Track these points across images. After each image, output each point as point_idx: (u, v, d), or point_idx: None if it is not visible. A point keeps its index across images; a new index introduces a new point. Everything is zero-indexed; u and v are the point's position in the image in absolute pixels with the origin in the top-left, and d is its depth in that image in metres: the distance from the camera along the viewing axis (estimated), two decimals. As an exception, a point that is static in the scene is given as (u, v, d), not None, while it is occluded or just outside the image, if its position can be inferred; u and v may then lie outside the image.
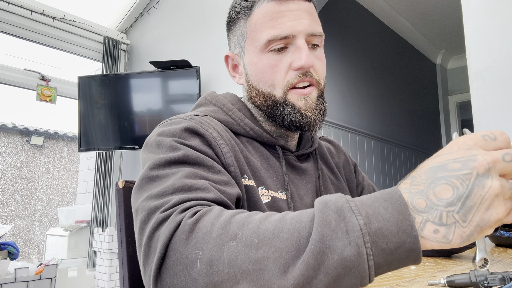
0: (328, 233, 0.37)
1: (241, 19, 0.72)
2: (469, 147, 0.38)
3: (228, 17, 0.77)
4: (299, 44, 0.67)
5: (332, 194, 0.41)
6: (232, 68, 0.79)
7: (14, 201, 5.26)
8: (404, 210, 0.37)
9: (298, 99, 0.69)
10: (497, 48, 1.39)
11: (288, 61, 0.68)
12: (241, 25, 0.73)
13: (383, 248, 0.36)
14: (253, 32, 0.70)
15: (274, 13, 0.67)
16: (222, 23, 2.58)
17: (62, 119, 6.25)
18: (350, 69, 3.24)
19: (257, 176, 0.69)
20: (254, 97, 0.74)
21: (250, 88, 0.74)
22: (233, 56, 0.77)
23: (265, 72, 0.69)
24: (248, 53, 0.72)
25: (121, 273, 0.73)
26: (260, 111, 0.75)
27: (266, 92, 0.71)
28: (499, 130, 0.40)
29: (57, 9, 2.79)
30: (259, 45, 0.69)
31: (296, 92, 0.69)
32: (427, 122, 4.44)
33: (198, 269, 0.41)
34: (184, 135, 0.62)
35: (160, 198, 0.51)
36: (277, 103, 0.70)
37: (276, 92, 0.69)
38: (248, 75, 0.73)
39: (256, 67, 0.71)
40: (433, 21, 3.94)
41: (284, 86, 0.69)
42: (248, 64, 0.73)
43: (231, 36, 0.77)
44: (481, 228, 0.36)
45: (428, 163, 0.40)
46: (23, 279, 1.97)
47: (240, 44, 0.74)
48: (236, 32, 0.75)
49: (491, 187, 0.36)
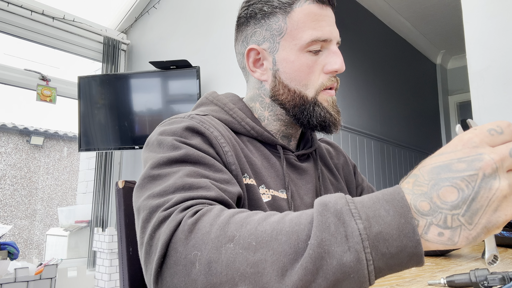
0: (327, 237, 0.36)
1: (279, 14, 0.71)
2: (475, 144, 0.36)
3: (255, 7, 0.73)
4: (334, 49, 0.71)
5: (332, 194, 0.40)
6: (253, 62, 0.75)
7: (14, 201, 5.25)
8: (406, 213, 0.36)
9: (326, 99, 0.72)
10: (497, 48, 1.39)
11: (321, 64, 0.71)
12: (278, 19, 0.71)
13: (384, 253, 0.36)
14: (295, 30, 0.70)
15: (316, 15, 0.70)
16: (222, 23, 2.58)
17: (62, 119, 6.25)
18: (350, 69, 3.24)
19: (257, 175, 0.69)
20: (280, 94, 0.73)
21: (277, 85, 0.73)
22: (260, 50, 0.73)
23: (302, 72, 0.70)
24: (284, 49, 0.71)
25: (121, 273, 0.73)
26: (281, 109, 0.75)
27: (298, 91, 0.71)
28: (506, 122, 0.38)
29: (57, 9, 2.79)
30: (300, 44, 0.69)
31: (326, 93, 0.72)
32: (427, 122, 4.43)
33: (197, 270, 0.41)
34: (185, 134, 0.62)
35: (161, 197, 0.51)
36: (307, 103, 0.72)
37: (309, 92, 0.71)
38: (279, 72, 0.72)
39: (292, 65, 0.71)
40: (433, 21, 3.94)
41: (317, 87, 0.71)
42: (282, 61, 0.71)
43: (257, 29, 0.73)
44: (488, 229, 0.35)
45: (431, 161, 0.38)
46: (23, 279, 1.97)
47: (274, 39, 0.72)
48: (269, 26, 0.71)
49: (499, 189, 0.34)
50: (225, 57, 2.53)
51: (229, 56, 2.50)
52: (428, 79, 4.61)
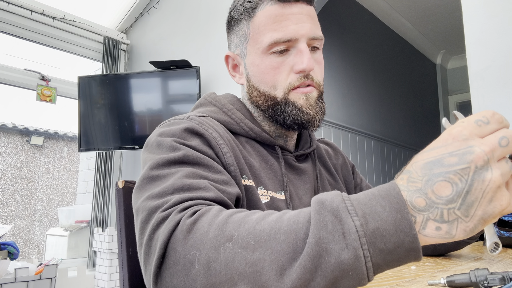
0: (324, 235, 0.36)
1: (244, 20, 0.72)
2: (465, 137, 0.36)
3: (229, 16, 0.77)
4: (301, 48, 0.68)
5: (329, 192, 0.41)
6: (232, 67, 0.79)
7: (14, 201, 5.26)
8: (402, 208, 0.36)
9: (299, 97, 0.70)
10: (497, 48, 1.39)
11: (289, 64, 0.69)
12: (243, 26, 0.73)
13: (381, 249, 0.36)
14: (256, 34, 0.70)
15: (277, 16, 0.68)
16: (222, 23, 2.58)
17: (62, 119, 6.25)
18: (350, 69, 3.24)
19: (256, 176, 0.69)
20: (254, 97, 0.74)
21: (250, 89, 0.75)
22: (234, 56, 0.77)
23: (267, 74, 0.70)
24: (250, 54, 0.72)
25: (121, 273, 0.73)
26: (260, 111, 0.76)
27: (268, 92, 0.72)
28: (490, 111, 0.38)
29: (57, 9, 2.79)
30: (262, 47, 0.70)
31: (297, 91, 0.70)
32: (427, 122, 4.44)
33: (196, 270, 0.41)
34: (184, 135, 0.62)
35: (160, 197, 0.51)
36: (278, 103, 0.71)
37: (278, 93, 0.71)
38: (249, 75, 0.74)
39: (258, 69, 0.71)
40: (433, 21, 3.94)
41: (285, 87, 0.70)
42: (250, 65, 0.73)
43: (232, 36, 0.77)
44: (485, 220, 0.35)
45: (423, 157, 0.38)
46: (23, 279, 1.97)
47: (242, 45, 0.74)
48: (238, 33, 0.75)
49: (492, 180, 0.35)
50: (225, 57, 2.53)
51: (229, 56, 2.50)
52: (428, 79, 4.61)
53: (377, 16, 3.67)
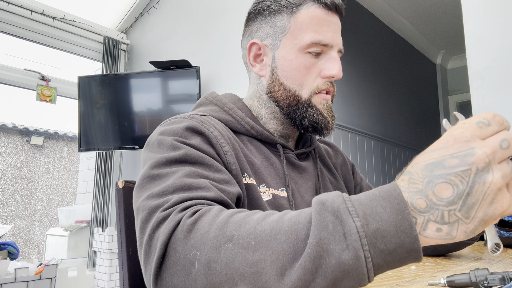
0: (325, 236, 0.37)
1: (285, 13, 0.72)
2: (466, 139, 0.37)
3: (263, 5, 0.75)
4: (334, 56, 0.72)
5: (329, 193, 0.41)
6: (254, 57, 0.77)
7: (14, 201, 5.26)
8: (403, 209, 0.36)
9: (321, 102, 0.73)
10: (497, 48, 1.39)
11: (320, 67, 0.72)
12: (283, 18, 0.72)
13: (382, 249, 0.36)
14: (297, 30, 0.71)
15: (321, 19, 0.71)
16: (222, 23, 2.58)
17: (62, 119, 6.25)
18: (350, 69, 3.24)
19: (257, 175, 0.69)
20: (276, 92, 0.74)
21: (274, 82, 0.74)
22: (262, 45, 0.75)
23: (298, 71, 0.71)
24: (285, 47, 0.72)
25: (121, 273, 0.73)
26: (269, 109, 0.76)
27: (293, 90, 0.72)
28: (491, 113, 0.38)
29: (57, 9, 2.79)
30: (300, 44, 0.70)
31: (320, 96, 0.73)
32: (427, 122, 4.44)
33: (196, 270, 0.41)
34: (185, 134, 0.62)
35: (160, 197, 0.51)
36: (300, 103, 0.72)
37: (303, 92, 0.72)
38: (277, 69, 0.73)
39: (290, 64, 0.72)
40: (433, 21, 3.94)
41: (312, 89, 0.72)
42: (281, 58, 0.73)
43: (263, 25, 0.75)
44: (485, 222, 0.36)
45: (424, 158, 0.38)
46: (23, 279, 1.97)
47: (276, 37, 0.73)
48: (273, 23, 0.73)
49: (493, 182, 0.35)
50: (225, 57, 2.53)
51: (229, 56, 2.50)
52: (428, 79, 4.61)
53: (377, 16, 3.67)
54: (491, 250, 0.41)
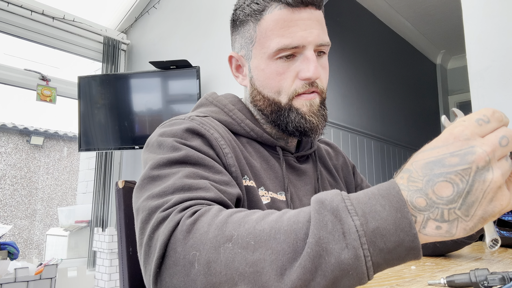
0: (324, 235, 0.37)
1: (250, 22, 0.71)
2: (467, 137, 0.36)
3: (234, 15, 0.75)
4: (308, 55, 0.67)
5: (328, 191, 0.41)
6: (236, 68, 0.77)
7: (14, 201, 5.25)
8: (402, 208, 0.36)
9: (303, 104, 0.69)
10: (497, 48, 1.39)
11: (295, 70, 0.68)
12: (249, 28, 0.71)
13: (381, 248, 0.36)
14: (263, 38, 0.69)
15: (285, 21, 0.67)
16: (222, 23, 2.58)
17: (62, 119, 6.25)
18: (350, 69, 3.24)
19: (257, 177, 0.69)
20: (257, 101, 0.73)
21: (254, 92, 0.74)
22: (238, 57, 0.75)
23: (272, 79, 0.69)
24: (255, 57, 0.71)
25: (121, 273, 0.73)
26: (262, 115, 0.75)
27: (271, 98, 0.71)
28: (490, 109, 0.38)
29: (57, 9, 2.79)
30: (268, 52, 0.68)
31: (301, 98, 0.69)
32: (427, 122, 4.43)
33: (196, 270, 0.41)
34: (185, 135, 0.62)
35: (160, 197, 0.51)
36: (282, 109, 0.70)
37: (282, 98, 0.70)
38: (253, 79, 0.73)
39: (263, 73, 0.70)
40: (433, 21, 3.94)
41: (290, 93, 0.69)
42: (254, 69, 0.72)
43: (236, 36, 0.75)
44: (485, 219, 0.36)
45: (424, 156, 0.38)
46: (23, 279, 1.97)
47: (247, 47, 0.73)
48: (243, 34, 0.73)
49: (493, 180, 0.35)
50: (225, 57, 2.52)
51: (229, 56, 2.50)
52: (428, 79, 4.61)
53: (377, 16, 3.67)
54: (489, 245, 0.42)
